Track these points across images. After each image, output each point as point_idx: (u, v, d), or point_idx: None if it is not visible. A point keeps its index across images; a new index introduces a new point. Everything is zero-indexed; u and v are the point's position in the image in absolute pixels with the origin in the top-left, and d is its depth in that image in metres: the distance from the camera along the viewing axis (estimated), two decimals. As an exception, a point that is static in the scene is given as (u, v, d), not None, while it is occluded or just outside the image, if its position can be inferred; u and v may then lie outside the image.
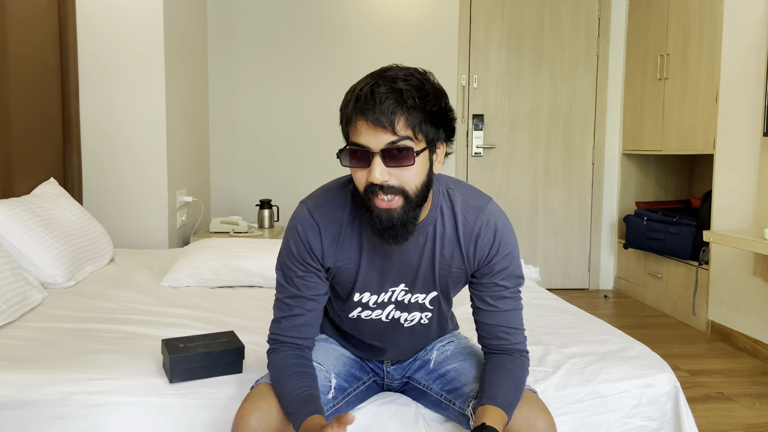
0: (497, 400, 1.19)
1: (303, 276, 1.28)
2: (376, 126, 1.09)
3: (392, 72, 1.14)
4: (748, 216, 3.23)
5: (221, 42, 4.20)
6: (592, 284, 4.64)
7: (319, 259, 1.27)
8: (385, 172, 1.12)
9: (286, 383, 1.22)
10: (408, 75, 1.13)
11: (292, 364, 1.25)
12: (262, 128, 4.28)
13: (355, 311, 1.34)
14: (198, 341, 1.53)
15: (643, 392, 1.53)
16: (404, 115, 1.10)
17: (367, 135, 1.11)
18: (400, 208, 1.14)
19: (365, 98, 1.10)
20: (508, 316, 1.30)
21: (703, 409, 2.53)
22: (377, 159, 1.11)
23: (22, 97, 2.66)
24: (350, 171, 1.17)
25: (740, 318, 3.32)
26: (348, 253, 1.27)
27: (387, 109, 1.09)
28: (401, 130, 1.10)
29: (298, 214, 1.29)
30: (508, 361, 1.28)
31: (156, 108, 3.23)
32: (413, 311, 1.35)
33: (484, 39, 4.40)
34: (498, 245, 1.27)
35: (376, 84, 1.11)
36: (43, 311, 1.98)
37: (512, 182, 4.51)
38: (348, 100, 1.15)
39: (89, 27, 3.15)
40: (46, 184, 2.75)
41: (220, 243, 2.60)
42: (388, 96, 1.09)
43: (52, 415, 1.39)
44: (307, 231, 1.26)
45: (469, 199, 1.29)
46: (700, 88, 3.63)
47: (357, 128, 1.12)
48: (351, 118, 1.13)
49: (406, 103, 1.10)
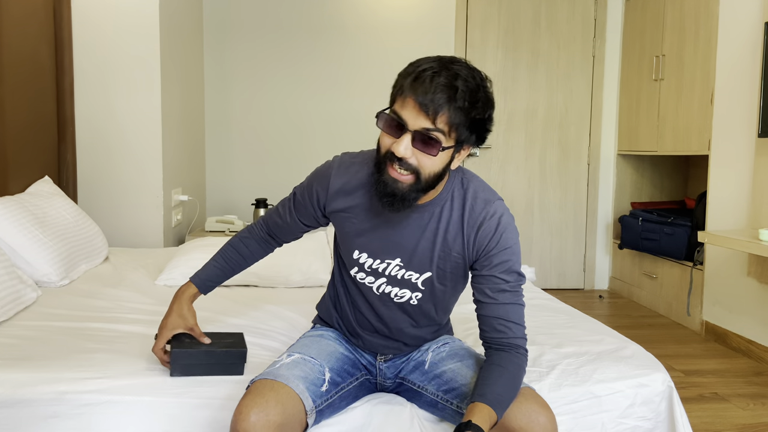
0: (487, 397, 1.20)
1: (303, 203, 1.45)
2: (420, 109, 1.16)
3: (457, 67, 1.19)
4: (743, 217, 3.24)
5: (217, 40, 4.20)
6: (587, 284, 4.65)
7: (321, 200, 1.41)
8: (409, 150, 1.19)
9: (219, 252, 1.55)
10: (469, 76, 1.19)
11: (236, 242, 1.54)
12: (258, 127, 4.28)
13: (353, 269, 1.42)
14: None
15: (638, 392, 1.54)
16: (449, 112, 1.16)
17: (410, 112, 1.18)
18: (407, 184, 1.22)
19: (423, 80, 1.16)
20: (507, 309, 1.32)
21: (697, 409, 2.54)
22: (408, 136, 1.19)
23: (16, 95, 2.65)
24: (381, 132, 1.25)
25: (734, 318, 3.33)
26: (354, 208, 1.37)
27: (437, 100, 1.15)
28: (440, 123, 1.17)
29: (331, 161, 1.42)
30: (504, 359, 1.29)
31: (151, 106, 3.23)
32: (404, 288, 1.39)
33: (480, 39, 4.41)
34: (499, 237, 1.31)
35: (438, 72, 1.17)
36: (37, 310, 1.97)
37: (508, 182, 4.51)
38: (408, 72, 1.20)
39: (84, 25, 3.14)
40: (41, 183, 2.74)
41: (216, 242, 2.59)
42: (443, 89, 1.16)
43: (45, 414, 1.39)
44: (325, 172, 1.41)
45: (480, 192, 1.35)
46: (696, 89, 3.64)
47: (404, 101, 1.19)
48: (403, 90, 1.19)
49: (455, 103, 1.16)
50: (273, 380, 1.26)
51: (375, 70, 4.30)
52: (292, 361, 1.33)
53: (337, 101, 4.30)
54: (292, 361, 1.33)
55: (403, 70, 1.22)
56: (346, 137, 4.32)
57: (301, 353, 1.37)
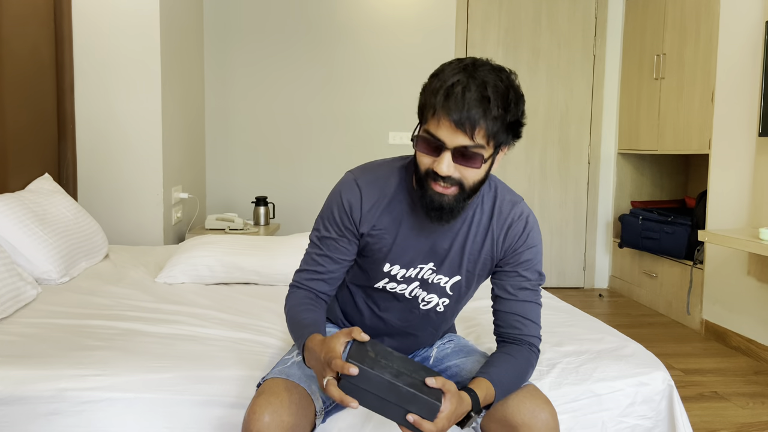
0: (489, 375, 1.23)
1: (336, 239, 1.35)
2: (457, 128, 1.14)
3: (483, 72, 1.17)
4: (743, 216, 3.24)
5: (218, 38, 4.19)
6: (587, 283, 4.65)
7: (356, 223, 1.33)
8: (452, 167, 1.18)
9: (295, 316, 1.32)
10: (497, 79, 1.17)
11: (305, 302, 1.35)
12: (258, 125, 4.28)
13: (381, 282, 1.39)
14: (393, 361, 1.15)
15: (638, 391, 1.54)
16: (485, 125, 1.15)
17: (446, 131, 1.16)
18: (452, 195, 1.21)
19: (455, 98, 1.14)
20: (525, 307, 1.34)
21: (696, 408, 2.54)
22: (447, 154, 1.17)
23: (16, 92, 2.65)
24: (418, 151, 1.22)
25: (734, 317, 3.33)
26: (386, 223, 1.33)
27: (472, 116, 1.14)
28: (478, 137, 1.16)
29: (343, 180, 1.35)
30: (515, 350, 1.31)
31: (152, 104, 3.22)
32: (432, 292, 1.39)
33: (481, 38, 4.40)
34: (526, 236, 1.34)
35: (467, 85, 1.14)
36: (37, 307, 1.97)
37: (508, 181, 4.51)
38: (436, 89, 1.17)
39: (85, 23, 3.14)
40: (41, 180, 2.74)
41: (216, 240, 2.59)
42: (476, 103, 1.14)
43: (45, 411, 1.39)
44: (350, 195, 1.33)
45: (506, 194, 1.36)
46: (696, 87, 3.64)
47: (438, 121, 1.16)
48: (436, 110, 1.16)
49: (491, 113, 1.15)
50: (286, 380, 1.25)
51: (374, 67, 4.29)
52: None
53: (336, 99, 4.30)
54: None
55: (429, 86, 1.19)
56: (345, 134, 4.32)
57: None
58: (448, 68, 1.18)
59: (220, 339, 1.73)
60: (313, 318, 1.30)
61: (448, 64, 1.20)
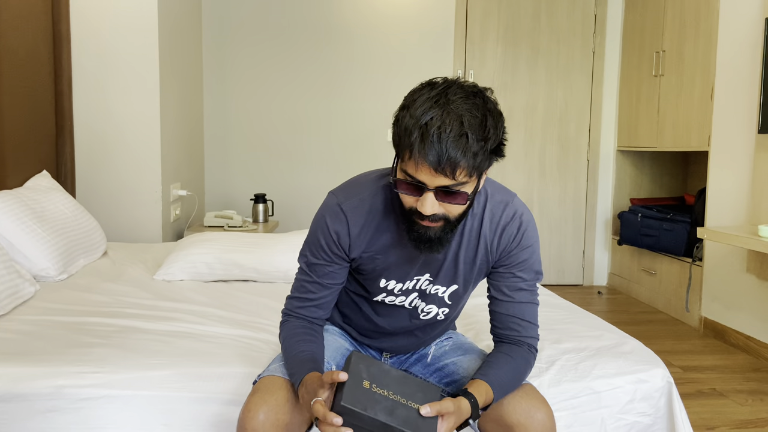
0: (488, 377, 1.22)
1: (325, 265, 1.32)
2: (437, 171, 1.09)
3: (457, 103, 1.10)
4: (742, 213, 3.23)
5: (216, 35, 4.18)
6: (586, 280, 4.65)
7: (345, 250, 1.30)
8: (435, 205, 1.14)
9: (291, 348, 1.27)
10: (473, 107, 1.10)
11: (300, 332, 1.31)
12: (257, 122, 4.27)
13: (380, 296, 1.37)
14: (389, 384, 1.12)
15: (637, 388, 1.54)
16: (466, 164, 1.09)
17: (425, 175, 1.11)
18: (439, 228, 1.18)
19: (431, 140, 1.08)
20: (522, 308, 1.32)
21: (695, 405, 2.54)
22: (430, 194, 1.13)
23: (15, 90, 2.64)
24: (399, 191, 1.18)
25: (733, 314, 3.33)
26: (377, 244, 1.30)
27: (451, 157, 1.08)
28: (460, 176, 1.11)
29: (327, 204, 1.31)
30: (513, 351, 1.30)
31: (150, 101, 3.22)
32: (431, 303, 1.37)
33: (480, 34, 4.40)
34: (521, 237, 1.31)
35: (442, 124, 1.08)
36: (36, 304, 1.97)
37: (507, 178, 4.51)
38: (410, 128, 1.10)
39: (83, 20, 3.13)
40: (39, 177, 2.73)
41: (214, 237, 2.59)
42: (453, 144, 1.08)
43: (43, 409, 1.38)
44: (336, 224, 1.29)
45: (496, 194, 1.32)
46: (696, 84, 3.63)
47: (417, 165, 1.11)
48: (412, 152, 1.10)
49: (470, 150, 1.09)
50: (282, 378, 1.25)
51: (373, 65, 4.28)
52: None
53: (335, 96, 4.29)
54: None
55: (401, 121, 1.12)
56: (343, 131, 4.31)
57: None
58: (419, 99, 1.11)
59: (219, 336, 1.73)
60: (309, 353, 1.26)
61: (418, 92, 1.13)
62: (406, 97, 1.15)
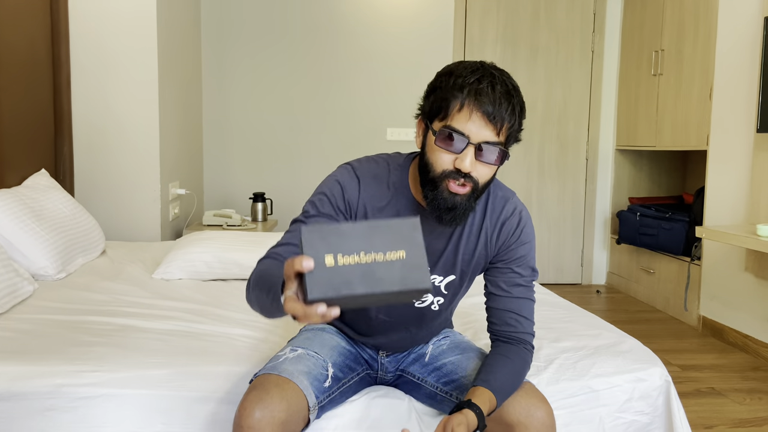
0: (490, 383, 1.22)
1: (324, 216, 1.26)
2: (489, 121, 1.13)
3: (497, 70, 1.17)
4: (741, 212, 3.24)
5: (215, 34, 4.18)
6: (585, 279, 4.65)
7: (348, 204, 1.28)
8: (474, 163, 1.16)
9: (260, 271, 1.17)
10: (508, 81, 1.17)
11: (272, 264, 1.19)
12: (256, 121, 4.27)
13: None
14: (359, 251, 0.91)
15: (635, 387, 1.54)
16: (510, 121, 1.15)
17: (474, 126, 1.14)
18: (466, 195, 1.19)
19: (486, 92, 1.13)
20: (519, 303, 1.33)
21: (693, 403, 2.54)
22: (471, 150, 1.15)
23: (13, 88, 2.64)
24: (432, 150, 1.18)
25: (731, 313, 3.33)
26: (381, 218, 1.29)
27: (504, 111, 1.13)
28: (502, 133, 1.16)
29: (339, 169, 1.30)
30: (511, 351, 1.30)
31: (149, 100, 3.21)
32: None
33: (479, 33, 4.39)
34: (520, 232, 1.33)
35: (492, 82, 1.14)
36: (34, 303, 1.97)
37: (506, 177, 4.51)
38: (460, 85, 1.14)
39: (82, 18, 3.12)
40: (38, 176, 2.73)
41: (213, 236, 2.59)
42: (505, 98, 1.14)
43: (42, 408, 1.38)
44: (346, 179, 1.28)
45: (497, 190, 1.35)
46: (695, 84, 3.63)
47: (469, 115, 1.14)
48: (462, 104, 1.14)
49: (516, 109, 1.15)
50: (278, 375, 1.24)
51: (372, 63, 4.28)
52: (296, 356, 1.32)
53: (334, 94, 4.29)
54: (296, 356, 1.32)
55: (446, 83, 1.16)
56: (343, 130, 4.31)
57: (304, 348, 1.36)
58: (461, 67, 1.17)
59: (217, 335, 1.73)
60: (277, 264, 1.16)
61: (457, 64, 1.18)
62: (443, 70, 1.19)
